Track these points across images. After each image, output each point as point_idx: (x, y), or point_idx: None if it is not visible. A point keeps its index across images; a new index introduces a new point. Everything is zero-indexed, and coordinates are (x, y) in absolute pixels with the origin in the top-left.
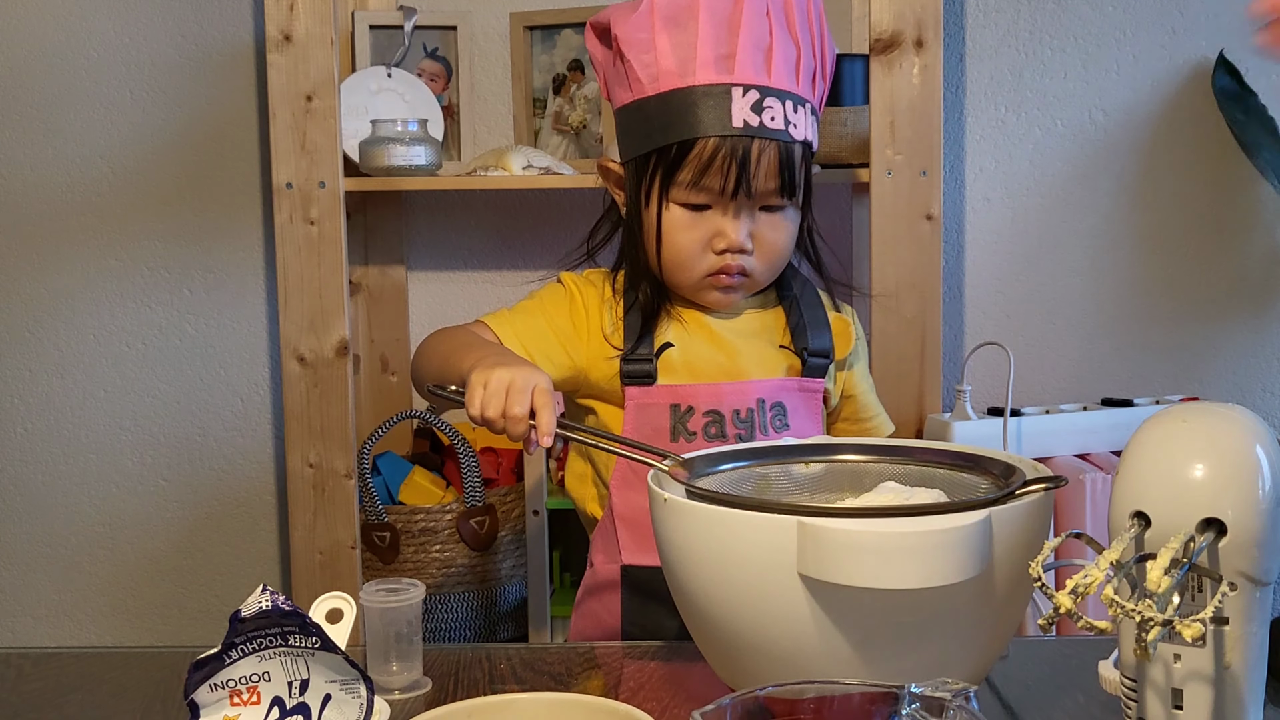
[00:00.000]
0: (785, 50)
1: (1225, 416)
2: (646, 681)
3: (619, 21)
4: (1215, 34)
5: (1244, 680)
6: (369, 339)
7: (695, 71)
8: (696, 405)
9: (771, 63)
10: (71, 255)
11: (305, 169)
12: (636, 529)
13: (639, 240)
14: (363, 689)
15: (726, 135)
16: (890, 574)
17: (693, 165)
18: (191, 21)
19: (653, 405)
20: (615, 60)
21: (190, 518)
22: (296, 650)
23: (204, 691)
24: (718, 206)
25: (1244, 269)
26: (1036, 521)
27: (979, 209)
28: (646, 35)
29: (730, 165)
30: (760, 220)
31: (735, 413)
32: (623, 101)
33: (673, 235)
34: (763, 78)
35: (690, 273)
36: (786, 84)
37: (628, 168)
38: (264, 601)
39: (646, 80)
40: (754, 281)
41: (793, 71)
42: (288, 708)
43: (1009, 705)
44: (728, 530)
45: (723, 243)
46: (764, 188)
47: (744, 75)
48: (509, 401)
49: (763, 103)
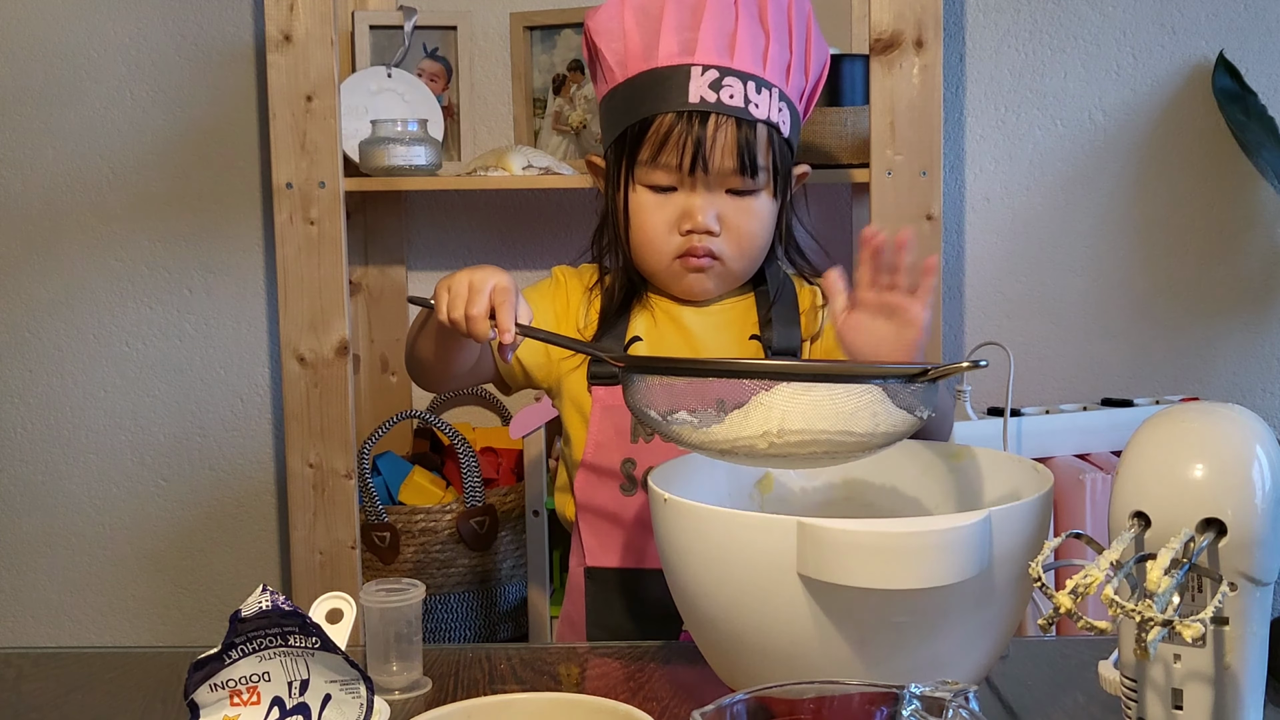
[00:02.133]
0: (751, 37)
1: (1225, 416)
2: (646, 681)
3: (591, 14)
4: (1215, 34)
5: (1244, 680)
6: (369, 339)
7: (658, 54)
8: None
9: (735, 46)
10: (71, 255)
11: (305, 169)
12: (597, 528)
13: (614, 229)
14: (363, 689)
15: (683, 111)
16: (890, 574)
17: (651, 142)
18: (191, 21)
19: (618, 406)
20: (593, 53)
21: (190, 518)
22: (296, 650)
23: (204, 691)
24: (683, 188)
25: (1244, 269)
26: (1036, 521)
27: (979, 209)
28: (617, 24)
29: (686, 141)
30: (728, 204)
31: None
32: (601, 94)
33: (639, 217)
34: (724, 59)
35: (658, 255)
36: (750, 67)
37: (606, 158)
38: (264, 601)
39: (617, 67)
40: (726, 269)
41: (759, 58)
42: (288, 708)
43: (1009, 705)
44: (728, 531)
45: (688, 223)
46: (722, 165)
47: (705, 56)
48: (468, 302)
49: (721, 81)
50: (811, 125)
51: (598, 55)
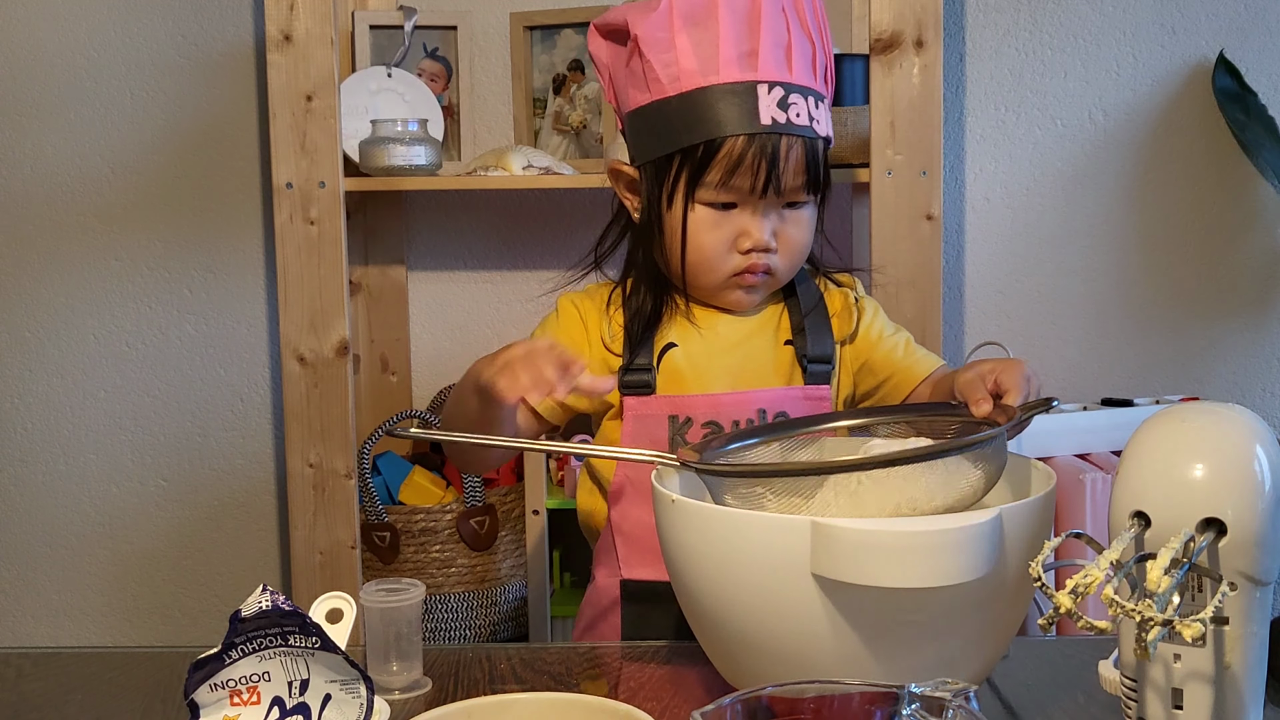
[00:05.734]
0: (802, 47)
1: (1225, 416)
2: (646, 681)
3: (637, 21)
4: (1215, 34)
5: (1244, 680)
6: (369, 339)
7: (719, 70)
8: (695, 416)
9: (791, 59)
10: (71, 255)
11: (305, 169)
12: (635, 542)
13: (656, 244)
14: (363, 689)
15: (755, 133)
16: (906, 573)
17: (722, 165)
18: (191, 21)
19: (651, 416)
20: (631, 60)
21: (190, 518)
22: (297, 650)
23: (204, 691)
24: (744, 205)
25: (1244, 269)
26: (1043, 519)
27: (979, 209)
28: (666, 35)
29: (760, 163)
30: (784, 217)
31: (735, 424)
32: (638, 103)
33: (698, 236)
34: (785, 74)
35: (715, 274)
36: (806, 80)
37: (644, 170)
38: (264, 601)
39: (667, 80)
40: (776, 280)
41: (809, 67)
42: (288, 708)
43: (1009, 705)
44: (739, 532)
45: (748, 242)
46: (792, 185)
47: (767, 72)
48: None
49: (788, 99)
50: None
51: (644, 65)
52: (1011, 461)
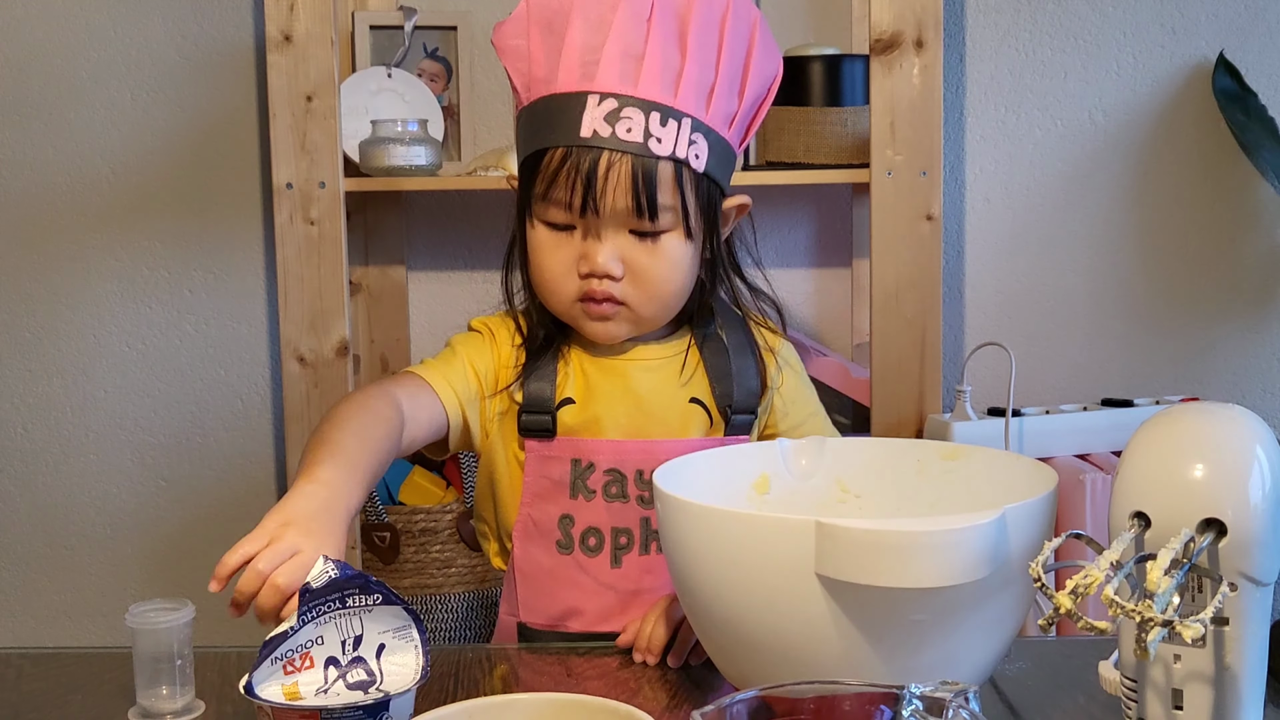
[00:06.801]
0: (664, 59)
1: (1225, 416)
2: (647, 681)
3: (497, 29)
4: (1215, 34)
5: (1244, 680)
6: (369, 339)
7: (559, 78)
8: (598, 462)
9: (641, 71)
10: (71, 255)
11: (305, 169)
12: (534, 584)
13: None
14: (415, 633)
15: (572, 146)
16: (911, 573)
17: (543, 177)
18: (191, 21)
19: (553, 458)
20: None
21: (190, 518)
22: (352, 610)
23: (262, 670)
24: (580, 227)
25: (1244, 269)
26: (1045, 519)
27: (979, 209)
28: (522, 42)
29: (575, 179)
30: (632, 245)
31: (639, 473)
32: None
33: (539, 256)
34: (627, 87)
35: (559, 298)
36: (659, 95)
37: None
38: (331, 570)
39: (522, 89)
40: (635, 314)
41: (671, 84)
42: (343, 664)
43: (1009, 705)
44: (743, 533)
45: (586, 266)
46: (616, 206)
47: (606, 83)
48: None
49: (620, 112)
50: (811, 125)
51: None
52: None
